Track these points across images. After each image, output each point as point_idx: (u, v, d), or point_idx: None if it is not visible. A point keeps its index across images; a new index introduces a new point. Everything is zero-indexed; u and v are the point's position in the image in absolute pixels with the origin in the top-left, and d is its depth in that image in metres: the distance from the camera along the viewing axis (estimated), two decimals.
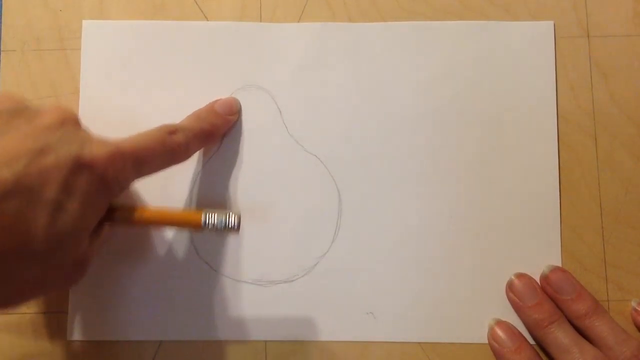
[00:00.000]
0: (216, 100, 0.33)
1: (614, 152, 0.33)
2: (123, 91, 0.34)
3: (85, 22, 0.34)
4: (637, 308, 0.32)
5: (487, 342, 0.32)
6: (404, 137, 0.34)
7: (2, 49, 0.34)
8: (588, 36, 0.34)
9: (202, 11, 0.35)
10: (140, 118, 0.34)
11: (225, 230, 0.28)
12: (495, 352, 0.31)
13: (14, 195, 0.22)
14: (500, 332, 0.31)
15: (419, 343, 0.32)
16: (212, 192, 0.33)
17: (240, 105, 0.34)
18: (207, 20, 0.35)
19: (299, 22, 0.35)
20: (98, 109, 0.34)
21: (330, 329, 0.32)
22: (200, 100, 0.34)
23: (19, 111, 0.25)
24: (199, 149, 0.32)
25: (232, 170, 0.33)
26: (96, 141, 0.25)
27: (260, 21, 0.35)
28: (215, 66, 0.34)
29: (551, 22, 0.34)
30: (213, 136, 0.32)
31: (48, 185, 0.23)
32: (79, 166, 0.24)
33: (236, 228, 0.28)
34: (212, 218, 0.28)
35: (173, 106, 0.34)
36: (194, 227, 0.28)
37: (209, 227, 0.28)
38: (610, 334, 0.30)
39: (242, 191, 0.33)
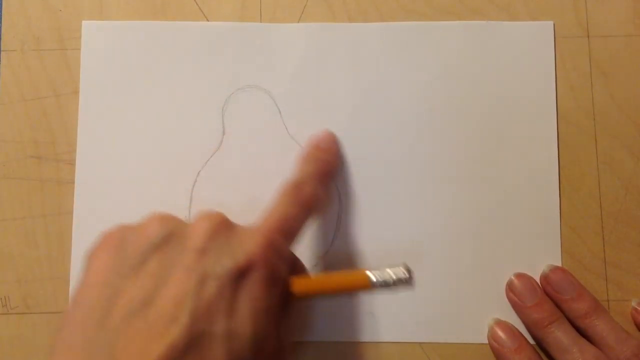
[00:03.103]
0: (313, 139, 0.33)
1: (614, 152, 0.33)
2: (123, 91, 0.34)
3: (85, 23, 0.34)
4: (637, 308, 0.32)
5: (487, 342, 0.32)
6: (404, 137, 0.34)
7: (2, 49, 0.34)
8: (588, 36, 0.34)
9: (202, 11, 0.35)
10: (140, 118, 0.34)
11: (398, 285, 0.25)
12: (495, 352, 0.31)
13: (188, 351, 0.22)
14: (500, 332, 0.31)
15: (419, 343, 0.32)
16: (212, 192, 0.33)
17: (338, 137, 0.33)
18: (207, 21, 0.35)
19: (299, 22, 0.35)
20: (98, 109, 0.34)
21: (331, 329, 0.32)
22: (200, 100, 0.34)
23: (168, 237, 0.24)
24: (325, 191, 0.31)
25: (232, 170, 0.33)
26: (246, 237, 0.25)
27: (260, 21, 0.35)
28: (215, 66, 0.34)
29: (551, 22, 0.34)
30: (331, 173, 0.32)
31: (216, 321, 0.22)
32: (239, 276, 0.24)
33: (410, 282, 0.25)
34: (382, 275, 0.26)
35: (173, 106, 0.34)
36: (364, 288, 0.26)
37: (379, 286, 0.26)
38: (611, 333, 0.30)
39: (242, 192, 0.33)
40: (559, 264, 0.33)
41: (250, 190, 0.33)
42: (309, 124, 0.34)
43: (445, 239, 0.33)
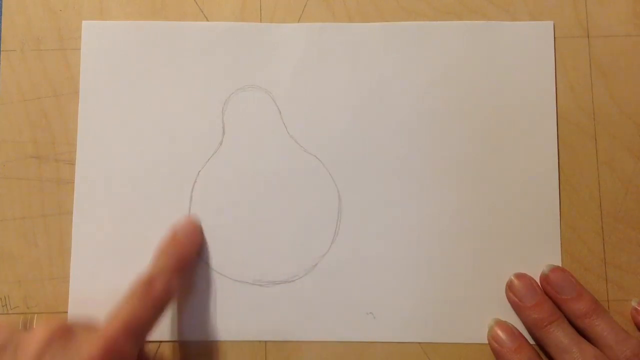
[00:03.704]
0: (174, 228, 0.32)
1: (614, 152, 0.33)
2: (123, 91, 0.34)
3: (85, 23, 0.34)
4: (637, 308, 0.32)
5: (487, 342, 0.32)
6: (404, 137, 0.34)
7: (2, 49, 0.34)
8: (588, 36, 0.34)
9: (202, 11, 0.35)
10: (140, 118, 0.34)
11: None
12: (495, 352, 0.31)
13: None
14: (500, 332, 0.31)
15: (419, 343, 0.32)
16: (212, 192, 0.33)
17: (199, 223, 0.33)
18: (207, 21, 0.35)
19: (299, 22, 0.35)
20: (98, 109, 0.34)
21: (330, 329, 0.32)
22: (200, 100, 0.34)
23: (1, 347, 0.24)
24: (181, 283, 0.31)
25: (232, 170, 0.33)
26: (85, 343, 0.25)
27: (260, 21, 0.35)
28: (215, 66, 0.34)
29: (551, 22, 0.34)
30: (186, 265, 0.31)
31: None
32: None
33: None
34: None
35: (172, 106, 0.34)
36: None
37: None
38: (611, 333, 0.30)
39: (241, 192, 0.33)
40: (559, 264, 0.33)
41: (250, 191, 0.33)
42: (309, 124, 0.34)
43: (445, 239, 0.33)
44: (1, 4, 0.35)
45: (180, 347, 0.32)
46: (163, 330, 0.32)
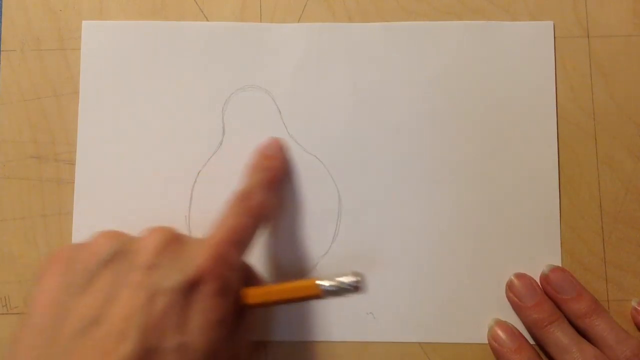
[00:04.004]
0: (259, 147, 0.33)
1: (614, 152, 0.33)
2: (123, 91, 0.34)
3: (85, 23, 0.34)
4: (637, 308, 0.32)
5: (487, 342, 0.32)
6: (404, 137, 0.34)
7: (2, 49, 0.34)
8: (588, 36, 0.34)
9: (202, 11, 0.35)
10: (140, 118, 0.34)
11: (349, 291, 0.26)
12: (495, 352, 0.31)
13: None
14: (500, 332, 0.31)
15: (419, 343, 0.32)
16: (212, 192, 0.33)
17: (285, 143, 0.33)
18: (207, 21, 0.35)
19: (299, 22, 0.35)
20: (98, 109, 0.34)
21: (330, 329, 0.32)
22: (200, 100, 0.34)
23: (117, 253, 0.25)
24: (274, 198, 0.31)
25: (232, 170, 0.33)
26: (195, 250, 0.25)
27: (260, 21, 0.35)
28: (215, 66, 0.34)
29: (551, 22, 0.34)
30: (278, 179, 0.32)
31: (167, 336, 0.23)
32: (189, 290, 0.24)
33: (359, 288, 0.26)
34: (333, 283, 0.26)
35: (172, 106, 0.34)
36: (315, 296, 0.26)
37: (329, 293, 0.26)
38: (611, 333, 0.30)
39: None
40: (559, 264, 0.33)
41: None
42: (309, 123, 0.34)
43: (445, 238, 0.33)
44: (1, 4, 0.35)
45: None
46: None
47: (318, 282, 0.26)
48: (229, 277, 0.25)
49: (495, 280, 0.33)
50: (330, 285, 0.26)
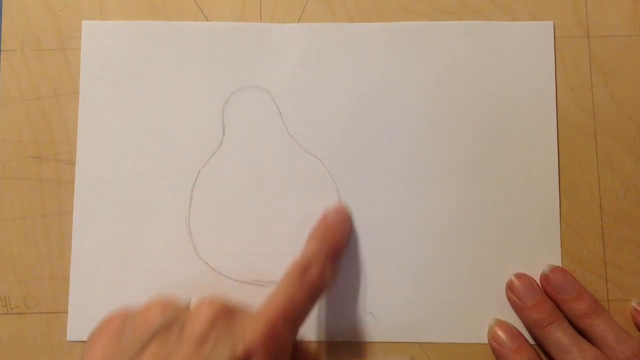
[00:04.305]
0: (325, 213, 0.32)
1: (614, 152, 0.33)
2: (123, 91, 0.34)
3: (85, 23, 0.34)
4: (637, 308, 0.32)
5: (487, 342, 0.32)
6: (404, 137, 0.34)
7: (2, 49, 0.34)
8: (588, 36, 0.34)
9: (202, 11, 0.35)
10: (140, 118, 0.34)
11: None
12: (495, 352, 0.31)
13: None
14: (500, 332, 0.31)
15: (419, 343, 0.32)
16: (212, 192, 0.33)
17: (349, 210, 0.33)
18: (207, 21, 0.35)
19: (299, 22, 0.35)
20: (98, 109, 0.34)
21: (330, 329, 0.32)
22: (200, 100, 0.34)
23: (168, 325, 0.24)
24: (335, 269, 0.31)
25: (232, 170, 0.34)
26: (247, 325, 0.25)
27: (260, 21, 0.35)
28: (215, 66, 0.34)
29: (551, 22, 0.34)
30: (339, 251, 0.31)
31: None
32: None
33: None
34: None
35: (173, 106, 0.34)
36: None
37: None
38: (611, 333, 0.30)
39: (242, 191, 0.33)
40: (559, 264, 0.33)
41: (250, 191, 0.33)
42: (309, 124, 0.34)
43: (445, 238, 0.33)
44: (1, 4, 0.35)
45: None
46: None
47: None
48: (278, 354, 0.25)
49: (495, 280, 0.33)
50: None
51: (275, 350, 0.24)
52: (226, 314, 0.25)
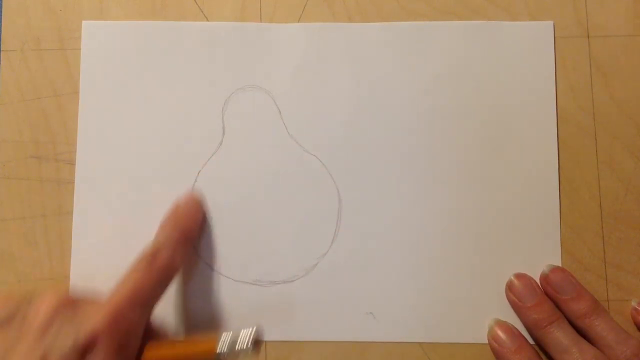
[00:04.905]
0: (176, 202, 0.32)
1: (614, 152, 0.33)
2: (123, 91, 0.34)
3: (85, 23, 0.34)
4: (637, 308, 0.32)
5: (487, 342, 0.32)
6: (404, 137, 0.34)
7: (2, 49, 0.34)
8: (588, 36, 0.34)
9: (202, 11, 0.35)
10: (140, 118, 0.34)
11: (242, 352, 0.26)
12: (495, 352, 0.31)
13: None
14: (500, 332, 0.31)
15: (419, 343, 0.32)
16: (212, 192, 0.33)
17: (201, 197, 0.33)
18: (207, 21, 0.35)
19: (299, 22, 0.35)
20: (98, 109, 0.34)
21: (330, 329, 0.32)
22: (200, 100, 0.34)
23: (8, 318, 0.25)
24: (185, 255, 0.31)
25: (232, 170, 0.33)
26: (91, 312, 0.25)
27: (260, 21, 0.35)
28: (215, 66, 0.34)
29: (551, 22, 0.34)
30: (189, 238, 0.32)
31: None
32: (83, 352, 0.24)
33: (252, 349, 0.26)
34: (226, 344, 0.26)
35: (173, 106, 0.34)
36: (211, 357, 0.26)
37: (225, 355, 0.26)
38: (611, 333, 0.30)
39: (242, 192, 0.33)
40: (559, 264, 0.33)
41: (250, 191, 0.33)
42: (309, 124, 0.34)
43: (446, 239, 0.33)
44: (1, 4, 0.35)
45: None
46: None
47: (217, 342, 0.26)
48: (125, 338, 0.25)
49: (495, 280, 0.33)
50: (227, 349, 0.26)
51: (121, 335, 0.25)
52: (69, 304, 0.25)
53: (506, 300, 0.32)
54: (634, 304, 0.32)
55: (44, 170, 0.34)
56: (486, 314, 0.32)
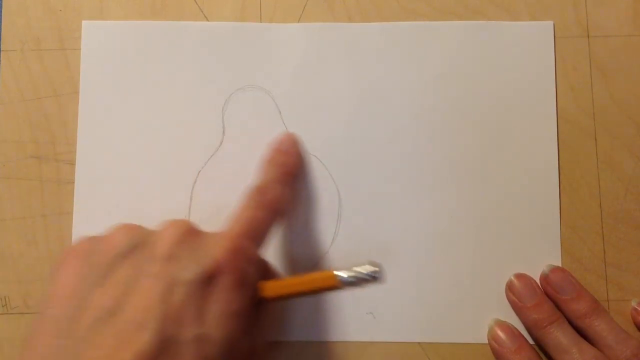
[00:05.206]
0: (274, 142, 0.33)
1: (614, 152, 0.33)
2: (123, 91, 0.34)
3: (85, 23, 0.34)
4: (637, 308, 0.32)
5: (487, 342, 0.32)
6: (404, 137, 0.34)
7: (2, 49, 0.34)
8: (588, 36, 0.34)
9: (202, 11, 0.35)
10: (140, 118, 0.34)
11: (367, 281, 0.25)
12: (495, 353, 0.31)
13: (157, 358, 0.22)
14: (500, 333, 0.31)
15: (419, 343, 0.32)
16: (212, 192, 0.33)
17: (299, 138, 0.33)
18: (207, 21, 0.35)
19: (299, 22, 0.35)
20: (98, 109, 0.34)
21: (330, 329, 0.32)
22: (200, 100, 0.34)
23: (135, 246, 0.25)
24: (289, 193, 0.31)
25: (232, 170, 0.33)
26: (213, 243, 0.25)
27: (260, 21, 0.35)
28: (215, 66, 0.34)
29: (551, 22, 0.34)
30: (292, 174, 0.32)
31: (185, 327, 0.23)
32: (207, 281, 0.24)
33: (378, 278, 0.26)
34: (351, 273, 0.26)
35: (173, 106, 0.34)
36: (334, 287, 0.26)
37: (348, 283, 0.26)
38: (610, 333, 0.30)
39: (242, 191, 0.33)
40: (559, 264, 0.33)
41: None
42: (309, 124, 0.34)
43: (446, 238, 0.33)
44: (1, 4, 0.35)
45: None
46: None
47: (336, 272, 0.26)
48: (246, 269, 0.25)
49: (495, 280, 0.33)
50: (349, 277, 0.25)
51: (241, 265, 0.25)
52: (191, 233, 0.26)
53: (506, 300, 0.32)
54: (634, 304, 0.32)
55: (44, 170, 0.34)
56: (486, 314, 0.32)
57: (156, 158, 0.34)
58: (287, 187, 0.31)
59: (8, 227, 0.33)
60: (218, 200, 0.33)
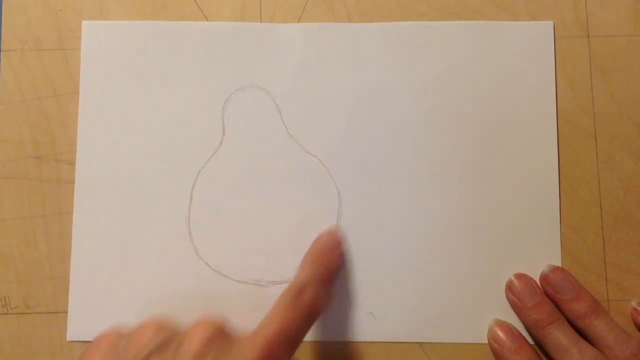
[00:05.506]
0: (319, 238, 0.32)
1: (614, 152, 0.33)
2: (123, 91, 0.34)
3: (85, 23, 0.34)
4: (637, 308, 0.32)
5: (487, 342, 0.32)
6: (404, 138, 0.34)
7: (2, 49, 0.34)
8: (588, 36, 0.34)
9: (202, 11, 0.35)
10: (140, 118, 0.34)
11: None
12: (495, 353, 0.31)
13: None
14: (500, 333, 0.31)
15: (419, 343, 0.32)
16: (212, 192, 0.33)
17: (343, 235, 0.33)
18: (207, 21, 0.35)
19: (299, 22, 0.35)
20: (98, 109, 0.34)
21: (330, 329, 0.32)
22: (200, 100, 0.34)
23: (163, 344, 0.24)
24: (328, 293, 0.30)
25: (232, 170, 0.34)
26: (244, 348, 0.25)
27: (260, 21, 0.35)
28: (215, 66, 0.34)
29: (551, 22, 0.34)
30: (333, 274, 0.31)
31: None
32: None
33: None
34: None
35: (172, 106, 0.34)
36: None
37: None
38: (610, 333, 0.30)
39: (242, 191, 0.33)
40: (559, 264, 0.33)
41: (250, 191, 0.33)
42: (309, 124, 0.34)
43: (446, 238, 0.33)
44: (1, 4, 0.35)
45: None
46: None
47: None
48: None
49: (495, 280, 0.33)
50: None
51: None
52: (222, 335, 0.25)
53: (506, 300, 0.32)
54: (634, 304, 0.32)
55: (44, 170, 0.34)
56: (486, 314, 0.32)
57: (156, 158, 0.34)
58: (325, 287, 0.30)
59: (8, 227, 0.33)
60: (218, 200, 0.33)
